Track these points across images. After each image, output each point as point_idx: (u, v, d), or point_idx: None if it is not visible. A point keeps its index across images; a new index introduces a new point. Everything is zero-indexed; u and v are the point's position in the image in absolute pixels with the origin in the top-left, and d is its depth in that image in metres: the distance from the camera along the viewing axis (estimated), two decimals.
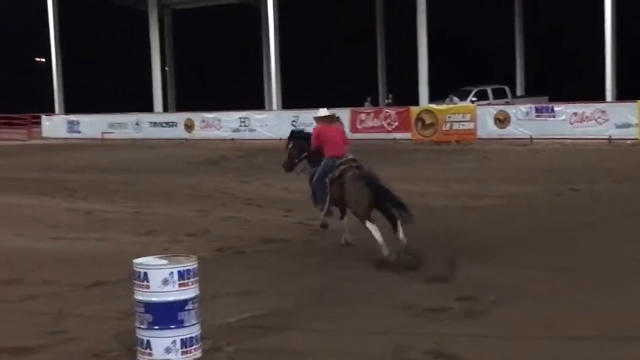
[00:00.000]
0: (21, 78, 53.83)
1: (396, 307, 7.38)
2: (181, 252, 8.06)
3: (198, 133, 35.19)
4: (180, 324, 5.82)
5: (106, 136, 37.61)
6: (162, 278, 5.80)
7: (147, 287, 5.81)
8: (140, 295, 5.85)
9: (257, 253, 10.15)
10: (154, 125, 37.14)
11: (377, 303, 7.62)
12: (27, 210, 14.48)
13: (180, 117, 37.14)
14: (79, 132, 39.18)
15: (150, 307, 5.81)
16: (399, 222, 9.18)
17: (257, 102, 41.05)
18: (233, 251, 10.18)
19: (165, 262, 5.98)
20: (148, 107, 40.52)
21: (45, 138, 39.75)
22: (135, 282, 5.87)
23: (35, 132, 40.95)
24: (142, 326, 5.86)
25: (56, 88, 43.69)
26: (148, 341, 5.83)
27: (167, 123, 37.09)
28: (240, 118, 34.53)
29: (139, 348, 5.88)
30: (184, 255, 6.32)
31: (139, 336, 5.88)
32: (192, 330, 5.88)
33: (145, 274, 5.83)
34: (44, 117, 41.38)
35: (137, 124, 37.68)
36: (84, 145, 34.40)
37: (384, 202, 9.33)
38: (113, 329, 6.80)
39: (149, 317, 5.82)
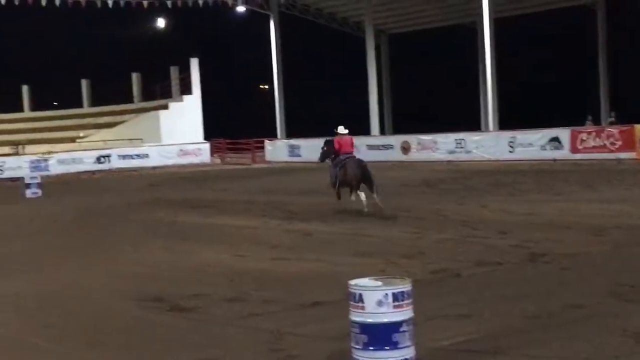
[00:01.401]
0: (246, 105, 56.53)
1: (623, 334, 6.97)
2: (396, 274, 8.11)
3: (414, 155, 35.37)
4: (394, 346, 5.85)
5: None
6: (376, 299, 5.86)
7: (362, 308, 5.90)
8: (356, 316, 5.94)
9: (472, 276, 10.01)
10: (371, 148, 37.68)
11: (602, 330, 7.23)
12: (249, 231, 15.09)
13: (397, 140, 37.50)
14: (299, 155, 40.49)
15: (365, 328, 5.89)
16: (374, 188, 16.55)
17: (473, 123, 40.67)
18: (448, 274, 10.09)
19: (379, 283, 6.04)
20: (365, 131, 41.23)
21: (268, 162, 41.45)
22: (351, 303, 5.97)
23: (259, 157, 42.81)
24: (357, 346, 5.95)
25: (278, 114, 45.63)
26: None
27: (383, 146, 37.54)
28: (456, 140, 34.31)
29: None
30: (398, 277, 6.36)
31: (354, 356, 5.97)
32: (407, 352, 5.89)
33: (360, 295, 5.91)
34: (267, 142, 43.24)
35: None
36: (304, 168, 35.42)
37: (368, 179, 16.63)
38: (330, 349, 6.92)
39: (364, 338, 5.90)
